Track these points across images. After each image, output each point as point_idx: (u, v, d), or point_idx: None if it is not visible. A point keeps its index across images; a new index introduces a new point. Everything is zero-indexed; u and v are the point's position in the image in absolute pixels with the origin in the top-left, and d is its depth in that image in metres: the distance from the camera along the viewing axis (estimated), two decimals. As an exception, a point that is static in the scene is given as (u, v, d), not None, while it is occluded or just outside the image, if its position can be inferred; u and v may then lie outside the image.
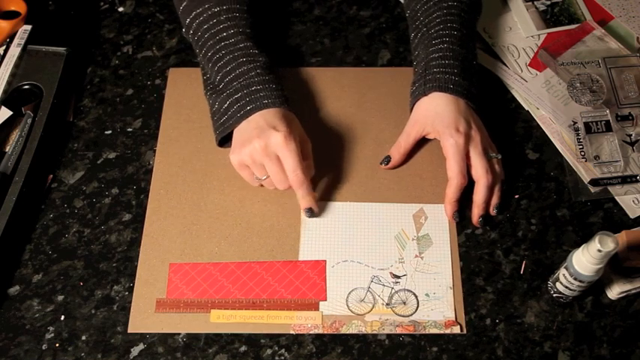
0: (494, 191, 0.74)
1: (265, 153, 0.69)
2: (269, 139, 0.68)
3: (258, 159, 0.70)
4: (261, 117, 0.70)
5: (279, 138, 0.68)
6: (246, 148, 0.70)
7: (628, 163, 0.76)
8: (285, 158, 0.69)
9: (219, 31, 0.76)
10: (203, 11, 0.77)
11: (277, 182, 0.71)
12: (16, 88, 0.80)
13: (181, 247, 0.73)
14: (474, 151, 0.72)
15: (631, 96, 0.79)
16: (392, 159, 0.76)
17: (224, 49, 0.75)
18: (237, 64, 0.74)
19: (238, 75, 0.74)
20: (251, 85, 0.73)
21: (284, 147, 0.68)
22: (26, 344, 0.68)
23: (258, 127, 0.69)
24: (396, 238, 0.73)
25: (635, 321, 0.69)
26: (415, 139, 0.77)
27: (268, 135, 0.68)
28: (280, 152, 0.69)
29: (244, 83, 0.73)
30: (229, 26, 0.76)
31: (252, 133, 0.69)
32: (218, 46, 0.76)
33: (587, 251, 0.60)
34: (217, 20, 0.77)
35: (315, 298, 0.70)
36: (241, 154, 0.70)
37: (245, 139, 0.70)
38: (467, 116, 0.74)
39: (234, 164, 0.72)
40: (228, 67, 0.74)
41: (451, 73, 0.74)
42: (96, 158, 0.79)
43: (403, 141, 0.77)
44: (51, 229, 0.74)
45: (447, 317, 0.69)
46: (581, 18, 0.88)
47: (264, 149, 0.69)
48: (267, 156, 0.69)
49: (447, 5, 0.78)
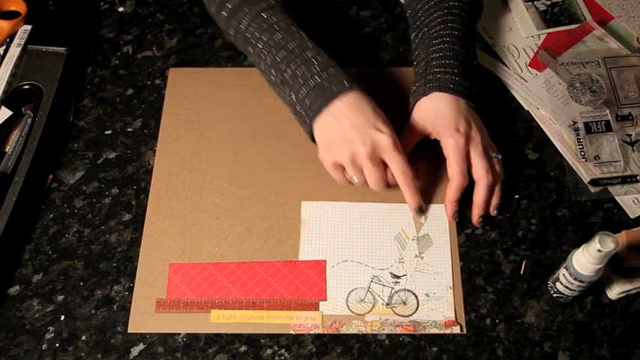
0: (495, 191, 0.74)
1: (370, 157, 0.67)
2: (376, 144, 0.66)
3: (360, 163, 0.68)
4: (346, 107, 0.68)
5: (385, 140, 0.66)
6: (345, 150, 0.67)
7: (628, 163, 0.76)
8: (394, 160, 0.68)
9: (273, 24, 0.73)
10: (249, 11, 0.75)
11: (375, 183, 0.70)
12: (16, 88, 0.80)
13: (181, 247, 0.73)
14: (475, 151, 0.72)
15: (631, 96, 0.79)
16: None
17: (284, 39, 0.73)
18: (303, 51, 0.71)
19: (306, 61, 0.71)
20: (326, 69, 0.70)
21: (393, 150, 0.67)
22: (26, 344, 0.68)
23: (359, 126, 0.67)
24: (396, 238, 0.73)
25: (635, 321, 0.69)
26: (415, 140, 0.77)
27: (374, 139, 0.67)
28: (388, 155, 0.67)
29: (318, 69, 0.70)
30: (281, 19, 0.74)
31: (350, 135, 0.67)
32: (279, 38, 0.73)
33: (587, 251, 0.60)
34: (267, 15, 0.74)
35: (315, 298, 0.70)
36: (339, 156, 0.68)
37: (341, 140, 0.68)
38: (467, 116, 0.74)
39: (327, 165, 0.71)
40: (294, 55, 0.72)
41: (451, 73, 0.74)
42: (96, 158, 0.79)
43: (404, 142, 0.77)
44: (51, 229, 0.74)
45: (447, 317, 0.69)
46: (581, 18, 0.88)
47: (371, 154, 0.67)
48: (372, 160, 0.67)
49: (448, 5, 0.78)
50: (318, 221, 0.74)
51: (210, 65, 0.86)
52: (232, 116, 0.81)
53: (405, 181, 0.69)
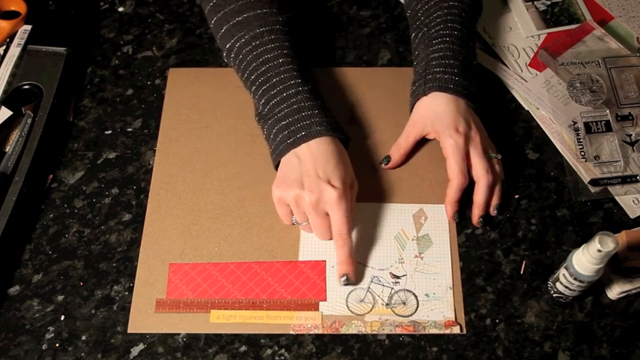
0: (495, 191, 0.74)
1: (314, 207, 0.67)
2: (322, 195, 0.66)
3: (304, 209, 0.68)
4: (310, 153, 0.68)
5: (332, 196, 0.66)
6: (293, 191, 0.67)
7: (628, 163, 0.76)
8: (335, 218, 0.67)
9: (263, 52, 0.74)
10: (245, 34, 0.75)
11: (319, 234, 0.70)
12: (16, 88, 0.80)
13: (181, 247, 0.73)
14: (474, 151, 0.72)
15: (631, 96, 0.79)
16: (392, 159, 0.76)
17: (269, 71, 0.73)
18: (284, 87, 0.72)
19: (285, 98, 0.71)
20: (301, 110, 0.70)
21: (336, 207, 0.66)
22: (26, 344, 0.68)
23: (313, 174, 0.67)
24: (395, 238, 0.73)
25: (635, 321, 0.69)
26: (415, 140, 0.77)
27: (322, 190, 0.66)
28: (331, 211, 0.67)
29: (293, 108, 0.70)
30: (274, 48, 0.74)
31: (304, 179, 0.67)
32: (262, 68, 0.73)
33: (587, 251, 0.60)
34: (260, 42, 0.74)
35: (314, 298, 0.70)
36: (287, 195, 0.68)
37: (294, 181, 0.68)
38: (466, 116, 0.74)
39: (274, 199, 0.70)
40: (275, 90, 0.72)
41: (451, 72, 0.74)
42: (96, 158, 0.79)
43: (403, 141, 0.77)
44: (51, 229, 0.74)
45: (447, 317, 0.69)
46: (581, 18, 0.88)
47: (315, 204, 0.67)
48: (315, 210, 0.67)
49: (448, 5, 0.78)
50: (318, 221, 0.74)
51: (210, 65, 0.86)
52: (232, 116, 0.81)
53: (339, 242, 0.68)
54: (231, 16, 0.76)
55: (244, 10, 0.76)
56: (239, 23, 0.75)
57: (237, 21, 0.76)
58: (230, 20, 0.76)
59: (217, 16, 0.78)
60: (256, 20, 0.75)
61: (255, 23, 0.75)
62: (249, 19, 0.75)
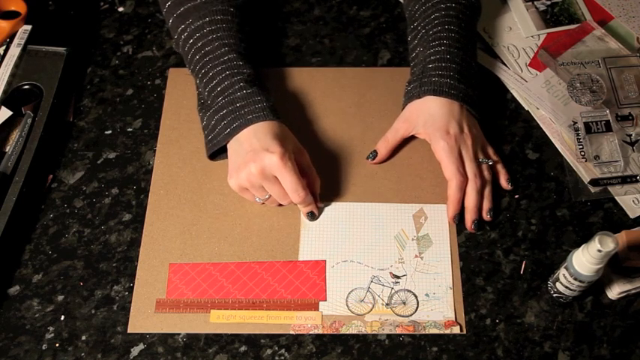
0: (485, 195, 0.74)
1: (263, 176, 0.68)
2: (264, 162, 0.67)
3: (256, 182, 0.69)
4: (250, 134, 0.69)
5: (274, 159, 0.67)
6: (242, 172, 0.69)
7: (628, 163, 0.76)
8: (284, 179, 0.68)
9: (204, 45, 0.75)
10: (187, 26, 0.76)
11: (280, 200, 0.71)
12: (16, 88, 0.80)
13: (181, 248, 0.73)
14: (465, 155, 0.73)
15: (631, 96, 0.79)
16: (378, 154, 0.76)
17: (209, 63, 0.74)
18: (221, 78, 0.73)
19: (222, 90, 0.73)
20: (235, 100, 0.71)
21: (280, 168, 0.67)
22: (26, 344, 0.68)
23: (252, 149, 0.68)
24: (395, 238, 0.73)
25: (635, 321, 0.69)
26: (403, 136, 0.77)
27: (262, 157, 0.67)
28: (278, 173, 0.68)
29: (229, 99, 0.72)
30: (213, 39, 0.75)
31: (246, 157, 0.69)
32: (203, 60, 0.75)
33: (587, 251, 0.60)
34: (201, 34, 0.76)
35: (314, 298, 0.70)
36: (239, 179, 0.70)
37: (240, 163, 0.69)
38: (459, 119, 0.74)
39: (234, 188, 0.71)
40: (213, 82, 0.73)
41: (447, 76, 0.74)
42: (96, 158, 0.79)
43: (391, 136, 0.77)
44: (51, 229, 0.74)
45: (447, 317, 0.69)
46: (581, 18, 0.88)
47: (261, 172, 0.68)
48: (265, 178, 0.68)
49: (446, 7, 0.78)
50: (318, 221, 0.74)
51: (210, 65, 0.86)
52: (232, 116, 0.81)
53: (298, 198, 0.69)
54: (174, 8, 0.78)
55: (185, 2, 0.77)
56: (181, 15, 0.77)
57: (179, 13, 0.77)
58: (173, 12, 0.78)
59: (164, 10, 0.80)
60: (197, 11, 0.76)
61: (196, 14, 0.76)
62: (190, 10, 0.77)
